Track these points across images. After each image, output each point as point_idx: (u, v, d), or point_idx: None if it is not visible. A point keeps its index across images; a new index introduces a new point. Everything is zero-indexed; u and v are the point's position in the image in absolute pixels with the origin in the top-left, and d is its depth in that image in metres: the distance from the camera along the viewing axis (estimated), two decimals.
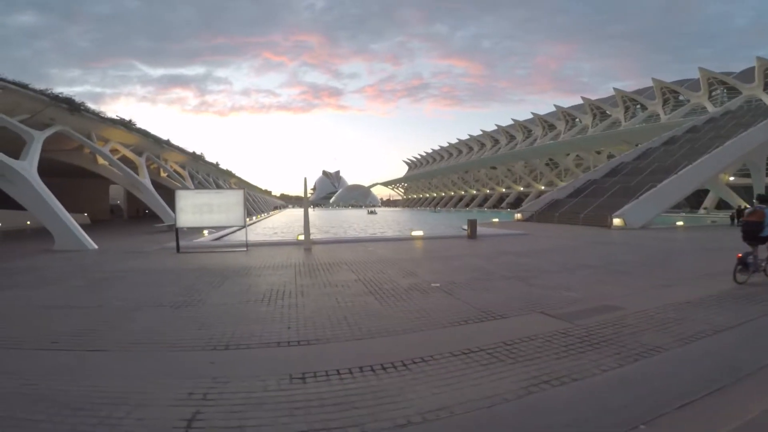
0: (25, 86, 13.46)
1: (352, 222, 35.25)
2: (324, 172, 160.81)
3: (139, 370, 3.30)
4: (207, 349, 3.80)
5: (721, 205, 42.07)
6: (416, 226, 26.97)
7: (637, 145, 54.23)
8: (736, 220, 23.39)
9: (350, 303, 5.63)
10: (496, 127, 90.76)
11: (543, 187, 72.93)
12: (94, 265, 9.26)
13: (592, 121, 70.31)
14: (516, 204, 74.49)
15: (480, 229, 16.56)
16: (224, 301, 5.62)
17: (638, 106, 64.50)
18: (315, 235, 18.12)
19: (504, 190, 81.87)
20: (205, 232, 17.67)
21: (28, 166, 13.16)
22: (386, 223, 34.95)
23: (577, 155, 68.20)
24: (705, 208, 44.15)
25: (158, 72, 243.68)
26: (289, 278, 7.40)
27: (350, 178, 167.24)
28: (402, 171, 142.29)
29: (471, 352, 3.72)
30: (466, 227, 22.85)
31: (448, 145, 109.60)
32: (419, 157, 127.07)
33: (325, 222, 35.57)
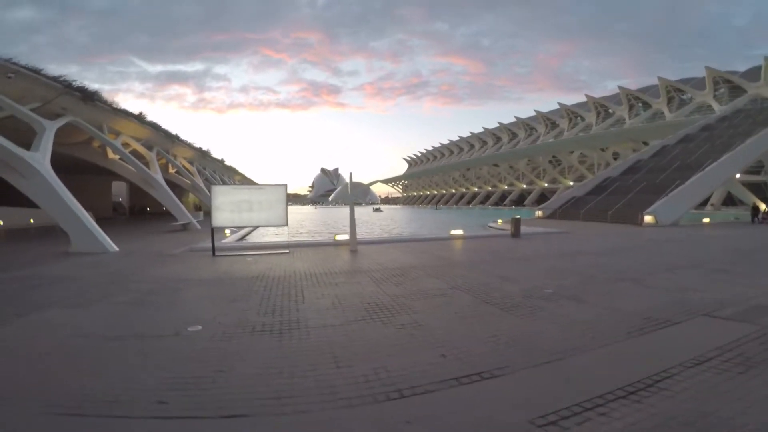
0: (38, 71, 12.23)
1: (364, 220, 34.22)
2: (322, 170, 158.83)
3: None
4: (380, 399, 2.78)
5: (727, 202, 41.89)
6: (437, 225, 26.09)
7: (645, 143, 54.35)
8: (758, 218, 22.97)
9: (478, 317, 4.74)
10: (497, 125, 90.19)
11: (546, 185, 72.63)
12: (127, 273, 8.08)
13: (595, 119, 69.93)
14: (519, 201, 74.11)
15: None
16: (328, 322, 4.59)
17: (641, 105, 64.22)
18: (336, 234, 17.09)
19: (506, 187, 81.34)
20: (227, 231, 16.59)
21: (41, 157, 11.96)
22: (399, 221, 34.04)
23: (581, 153, 67.84)
24: (712, 205, 43.80)
25: (157, 68, 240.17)
26: (372, 288, 6.40)
27: (349, 176, 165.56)
28: (401, 168, 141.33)
29: (704, 362, 3.32)
30: (493, 224, 22.23)
31: (449, 142, 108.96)
32: (419, 154, 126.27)
33: (336, 220, 34.54)
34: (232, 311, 5.04)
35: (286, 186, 10.84)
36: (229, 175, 42.13)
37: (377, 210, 58.46)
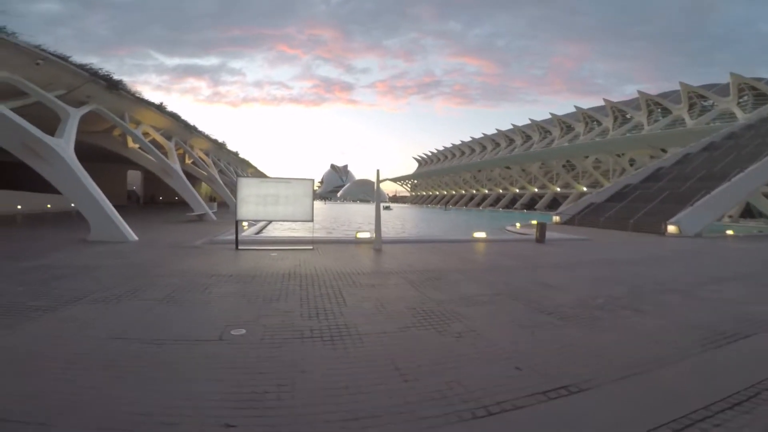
0: (65, 59, 12.08)
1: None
2: (332, 166, 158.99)
3: None
4: (465, 417, 2.53)
5: (745, 214, 40.97)
6: (453, 226, 25.76)
7: (663, 151, 53.36)
8: None
9: (538, 327, 4.47)
10: (511, 126, 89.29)
11: (559, 189, 71.74)
12: (152, 265, 7.80)
13: (612, 124, 68.89)
14: (530, 205, 73.25)
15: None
16: (379, 328, 4.28)
17: (660, 110, 63.09)
18: (348, 232, 16.85)
19: (517, 190, 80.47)
20: (245, 224, 16.40)
21: (65, 144, 11.83)
22: (411, 220, 33.67)
23: (596, 158, 66.86)
24: (730, 216, 42.82)
25: (174, 61, 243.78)
26: (412, 291, 6.09)
27: (358, 173, 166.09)
28: (410, 167, 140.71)
29: None
30: (511, 228, 21.81)
31: (460, 142, 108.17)
32: (430, 154, 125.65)
33: (349, 216, 34.31)
34: (273, 313, 4.76)
35: (313, 180, 10.57)
36: (242, 168, 42.08)
37: (387, 208, 58.09)
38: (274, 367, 3.26)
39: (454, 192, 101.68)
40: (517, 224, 22.98)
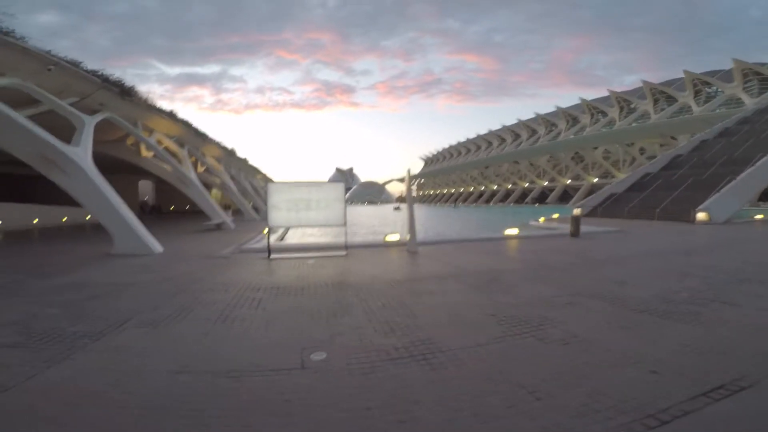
0: (76, 64, 11.73)
1: (391, 219, 33.56)
2: (337, 169, 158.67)
3: None
4: (637, 430, 2.12)
5: (763, 197, 40.28)
6: (475, 224, 25.28)
7: (673, 138, 52.53)
8: None
9: (639, 327, 4.13)
10: (516, 121, 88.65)
11: (569, 181, 70.96)
12: (188, 279, 7.28)
13: (618, 114, 68.10)
14: (541, 199, 72.54)
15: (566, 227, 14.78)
16: (470, 341, 3.80)
17: (665, 99, 62.29)
18: (369, 235, 16.41)
19: (527, 185, 79.74)
20: (266, 230, 15.98)
21: (83, 152, 11.48)
22: (426, 220, 33.17)
23: (606, 149, 66.11)
24: (748, 201, 42.05)
25: (175, 70, 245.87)
26: (479, 296, 5.62)
27: (363, 175, 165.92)
28: (415, 167, 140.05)
29: None
30: (534, 222, 21.26)
31: (465, 140, 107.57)
32: (436, 152, 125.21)
33: (363, 220, 33.87)
34: (344, 330, 4.28)
35: (343, 183, 10.16)
36: (253, 175, 41.75)
37: (397, 209, 57.63)
38: (379, 398, 2.75)
39: (462, 189, 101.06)
40: (541, 219, 22.47)
